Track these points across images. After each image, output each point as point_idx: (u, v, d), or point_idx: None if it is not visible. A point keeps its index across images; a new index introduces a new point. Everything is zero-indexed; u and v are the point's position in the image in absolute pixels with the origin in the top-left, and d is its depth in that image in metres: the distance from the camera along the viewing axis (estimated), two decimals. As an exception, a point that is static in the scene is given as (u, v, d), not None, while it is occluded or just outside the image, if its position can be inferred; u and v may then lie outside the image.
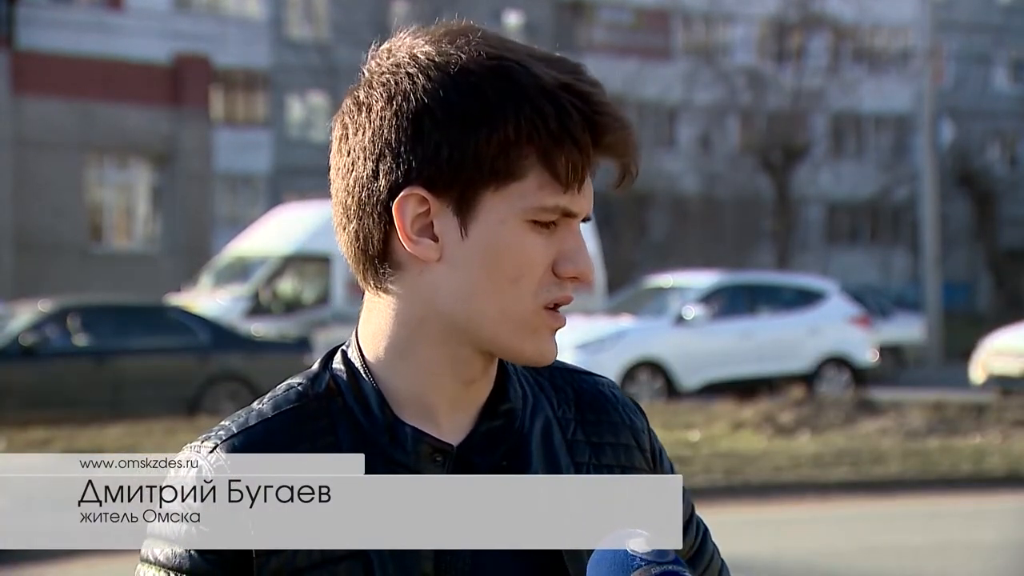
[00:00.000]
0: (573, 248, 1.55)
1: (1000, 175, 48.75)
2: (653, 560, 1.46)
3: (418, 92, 1.52)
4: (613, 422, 1.68)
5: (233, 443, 1.55)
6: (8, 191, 28.91)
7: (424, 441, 1.57)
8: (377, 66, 1.57)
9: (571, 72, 1.54)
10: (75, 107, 29.41)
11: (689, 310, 20.10)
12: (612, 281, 28.19)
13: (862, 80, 44.55)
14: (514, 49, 1.55)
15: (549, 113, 1.51)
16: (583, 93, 1.53)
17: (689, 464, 12.71)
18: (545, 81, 1.52)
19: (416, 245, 1.54)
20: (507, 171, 1.52)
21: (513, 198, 1.52)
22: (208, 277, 22.79)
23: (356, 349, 1.61)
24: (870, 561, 9.76)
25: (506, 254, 1.53)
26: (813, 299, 21.00)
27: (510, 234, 1.53)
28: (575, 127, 1.52)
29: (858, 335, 20.87)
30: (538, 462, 1.61)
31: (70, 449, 13.19)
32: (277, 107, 41.92)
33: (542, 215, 1.53)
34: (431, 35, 1.56)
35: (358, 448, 1.56)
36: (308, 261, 21.86)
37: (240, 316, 20.06)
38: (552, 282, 1.55)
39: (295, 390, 1.60)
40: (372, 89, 1.55)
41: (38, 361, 16.17)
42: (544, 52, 1.57)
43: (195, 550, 1.52)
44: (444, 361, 1.57)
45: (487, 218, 1.53)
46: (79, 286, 25.80)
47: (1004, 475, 12.84)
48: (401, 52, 1.56)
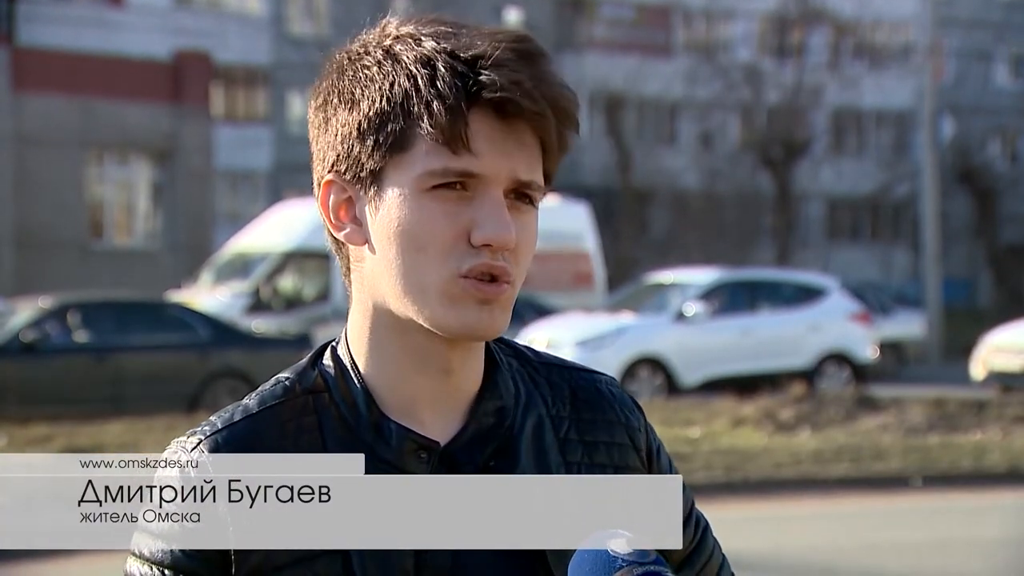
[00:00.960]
0: (485, 215, 1.52)
1: (1001, 171, 48.72)
2: (635, 560, 1.45)
3: (323, 84, 1.59)
4: (608, 420, 1.67)
5: (216, 440, 1.56)
6: (8, 188, 28.90)
7: (409, 438, 1.56)
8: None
9: (485, 38, 1.52)
10: (75, 104, 29.41)
11: (690, 307, 20.10)
12: (613, 278, 28.22)
13: (863, 76, 44.54)
14: (434, 28, 1.55)
15: (420, 76, 1.51)
16: (469, 58, 1.51)
17: (689, 461, 12.70)
18: (425, 49, 1.52)
19: (342, 231, 1.58)
20: (394, 143, 1.53)
21: (406, 168, 1.53)
22: (209, 273, 22.78)
23: (344, 345, 1.61)
24: (871, 558, 9.76)
25: (406, 225, 1.53)
26: (814, 296, 20.99)
27: (408, 205, 1.53)
28: (444, 86, 1.51)
29: (859, 332, 20.86)
30: (527, 462, 1.59)
31: (70, 446, 13.18)
32: (278, 103, 41.91)
33: (434, 180, 1.52)
34: (381, 28, 1.59)
35: (343, 445, 1.55)
36: (309, 257, 21.85)
37: (241, 312, 20.05)
38: (466, 251, 1.52)
39: (282, 385, 1.60)
40: (314, 89, 1.62)
41: (39, 358, 16.17)
42: (479, 28, 1.55)
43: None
44: (406, 351, 1.57)
45: (391, 193, 1.54)
46: (80, 283, 25.79)
47: (1005, 471, 12.85)
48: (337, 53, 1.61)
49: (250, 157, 40.44)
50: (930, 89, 32.18)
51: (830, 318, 20.64)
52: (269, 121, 41.38)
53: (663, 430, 14.73)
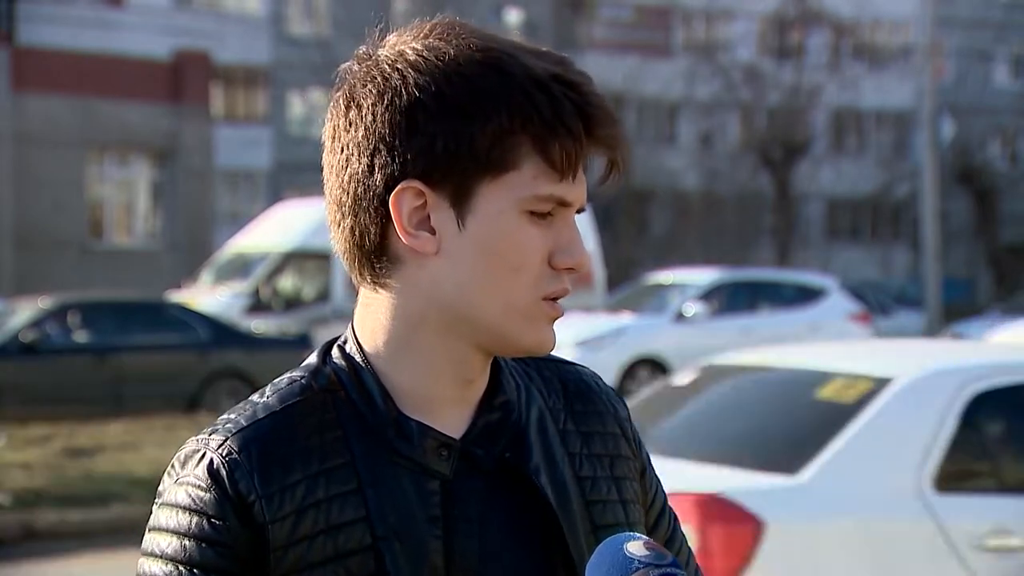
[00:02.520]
0: (569, 239, 1.56)
1: (1001, 171, 48.76)
2: (651, 563, 1.47)
3: (409, 86, 1.53)
4: (599, 411, 1.71)
5: (244, 435, 1.54)
6: (8, 187, 28.91)
7: (429, 435, 1.57)
8: (364, 66, 1.57)
9: (559, 63, 1.56)
10: (75, 103, 29.41)
11: (689, 307, 20.09)
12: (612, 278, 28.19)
13: (862, 76, 44.57)
14: (501, 42, 1.56)
15: (542, 101, 1.52)
16: (573, 83, 1.54)
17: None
18: (535, 71, 1.53)
19: (414, 239, 1.54)
20: (502, 161, 1.52)
21: (509, 188, 1.53)
22: (208, 273, 22.77)
23: (355, 344, 1.61)
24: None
25: (504, 245, 1.53)
26: (813, 296, 20.98)
27: (508, 225, 1.53)
28: (568, 116, 1.52)
29: (858, 332, 20.85)
30: (538, 454, 1.62)
31: (70, 446, 13.19)
32: (277, 103, 41.93)
33: (538, 204, 1.53)
34: (416, 32, 1.57)
35: (365, 442, 1.56)
36: (308, 258, 21.84)
37: (240, 313, 20.02)
38: (549, 274, 1.56)
39: (298, 384, 1.60)
40: (363, 87, 1.56)
41: (38, 358, 16.17)
42: (530, 46, 1.58)
43: (206, 542, 1.51)
44: (444, 356, 1.58)
45: (484, 209, 1.53)
46: (79, 282, 25.80)
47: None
48: (387, 51, 1.57)
49: (250, 157, 40.47)
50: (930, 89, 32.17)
51: (830, 318, 20.63)
52: (269, 121, 41.41)
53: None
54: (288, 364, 1.65)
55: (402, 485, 1.55)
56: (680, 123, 46.63)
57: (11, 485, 11.20)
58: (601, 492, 1.65)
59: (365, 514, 1.53)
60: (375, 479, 1.55)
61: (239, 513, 1.51)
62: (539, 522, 1.60)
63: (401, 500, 1.55)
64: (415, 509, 1.55)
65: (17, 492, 10.98)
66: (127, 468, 11.93)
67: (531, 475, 1.60)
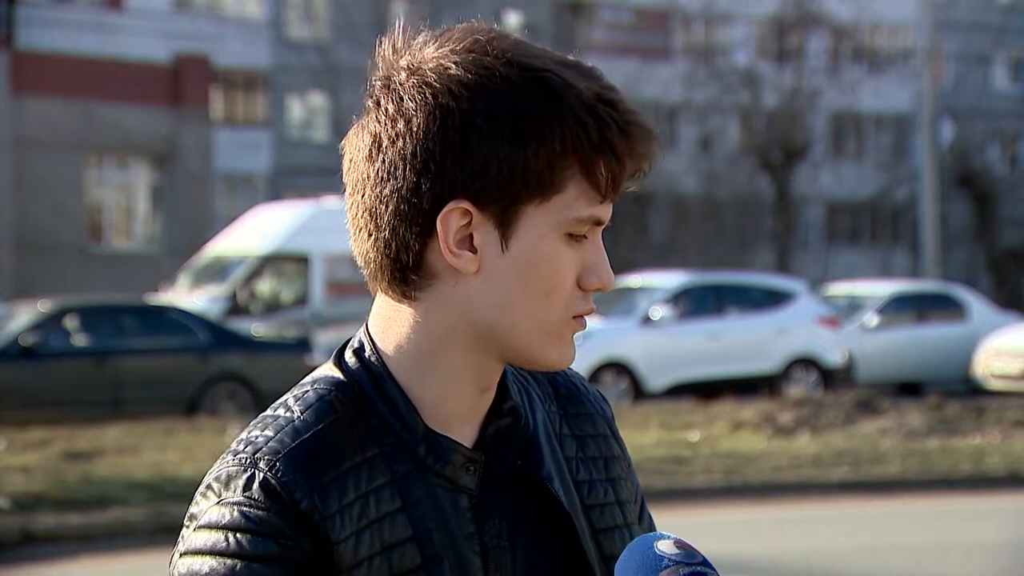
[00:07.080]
0: (596, 259, 1.56)
1: (1000, 175, 48.75)
2: (681, 561, 1.47)
3: (463, 105, 1.51)
4: (589, 413, 1.72)
5: (294, 456, 1.51)
6: (8, 191, 28.91)
7: (459, 451, 1.57)
8: (413, 78, 1.54)
9: (595, 79, 1.56)
10: (75, 107, 29.42)
11: (656, 310, 19.97)
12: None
13: (861, 80, 44.56)
14: (542, 56, 1.56)
15: (590, 124, 1.52)
16: (614, 102, 1.55)
17: (689, 464, 12.71)
18: (583, 92, 1.53)
19: (456, 258, 1.53)
20: (551, 184, 1.52)
21: (553, 211, 1.53)
22: (186, 277, 22.64)
23: (375, 354, 1.59)
24: (870, 561, 9.76)
25: (542, 268, 1.54)
26: (781, 299, 20.82)
27: (548, 248, 1.54)
28: (614, 137, 1.53)
29: (826, 335, 20.67)
30: (549, 459, 1.63)
31: (70, 450, 13.18)
32: (277, 107, 41.91)
33: (578, 227, 1.54)
34: (453, 43, 1.55)
35: (400, 458, 1.55)
36: (287, 261, 21.79)
37: (218, 316, 19.87)
38: (580, 295, 1.57)
39: (328, 400, 1.57)
40: (411, 100, 1.53)
41: (37, 361, 16.17)
42: (565, 57, 1.58)
43: (272, 562, 1.48)
44: (469, 370, 1.57)
45: (528, 233, 1.53)
46: (79, 286, 25.81)
47: (1004, 475, 12.85)
48: (429, 63, 1.54)
49: (249, 160, 40.45)
50: (929, 92, 32.19)
51: (798, 322, 20.47)
52: (268, 125, 41.39)
53: (662, 434, 14.73)
54: (287, 368, 1.64)
55: (439, 502, 1.55)
56: (679, 126, 46.62)
57: (10, 488, 11.20)
58: (598, 495, 1.66)
59: (412, 534, 1.53)
60: (416, 498, 1.54)
61: (306, 531, 1.49)
62: (554, 529, 1.60)
63: (441, 518, 1.54)
64: (453, 526, 1.55)
65: (16, 495, 10.97)
66: (126, 472, 11.92)
67: (545, 482, 1.60)
